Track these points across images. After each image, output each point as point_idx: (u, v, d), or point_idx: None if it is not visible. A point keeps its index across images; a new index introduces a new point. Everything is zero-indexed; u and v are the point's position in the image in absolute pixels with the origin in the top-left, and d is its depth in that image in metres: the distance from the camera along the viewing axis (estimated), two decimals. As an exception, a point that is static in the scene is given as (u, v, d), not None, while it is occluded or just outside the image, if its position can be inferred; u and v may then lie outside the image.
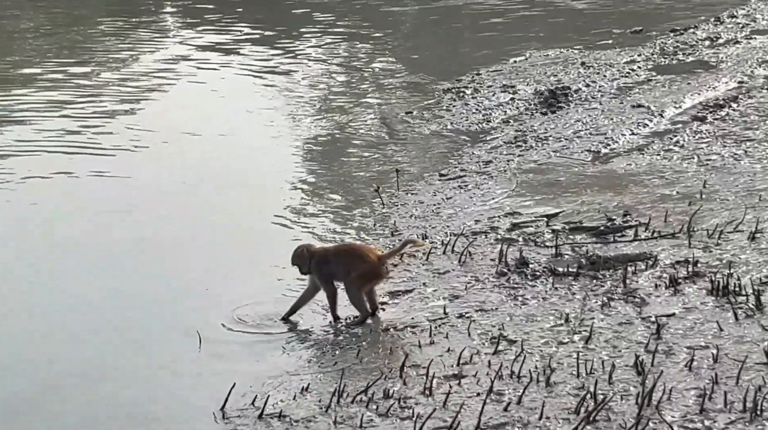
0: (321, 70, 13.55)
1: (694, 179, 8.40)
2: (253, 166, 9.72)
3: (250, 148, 10.31)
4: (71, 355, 6.33)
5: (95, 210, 8.62)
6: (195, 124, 10.99)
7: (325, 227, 8.17)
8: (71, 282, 7.32)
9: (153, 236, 8.07)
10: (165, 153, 10.19)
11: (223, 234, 8.11)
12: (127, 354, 6.31)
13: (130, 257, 7.71)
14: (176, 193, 9.07)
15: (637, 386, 5.31)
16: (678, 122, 10.13)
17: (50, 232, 8.21)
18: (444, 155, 9.80)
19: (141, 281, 7.30)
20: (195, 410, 5.62)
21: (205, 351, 6.25)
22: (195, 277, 7.32)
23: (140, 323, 6.70)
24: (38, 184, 9.25)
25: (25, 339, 6.55)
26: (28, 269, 7.53)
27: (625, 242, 7.23)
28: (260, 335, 6.46)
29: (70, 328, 6.68)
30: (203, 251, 7.78)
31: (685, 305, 6.20)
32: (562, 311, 6.31)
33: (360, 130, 10.76)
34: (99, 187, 9.21)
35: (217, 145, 10.42)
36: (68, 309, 6.93)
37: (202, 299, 6.98)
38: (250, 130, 10.93)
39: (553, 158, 9.35)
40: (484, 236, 7.64)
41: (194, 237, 8.07)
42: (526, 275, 6.89)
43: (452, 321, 6.35)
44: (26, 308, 6.96)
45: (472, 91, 11.74)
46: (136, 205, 8.68)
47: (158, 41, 15.57)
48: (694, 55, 12.89)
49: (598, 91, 11.48)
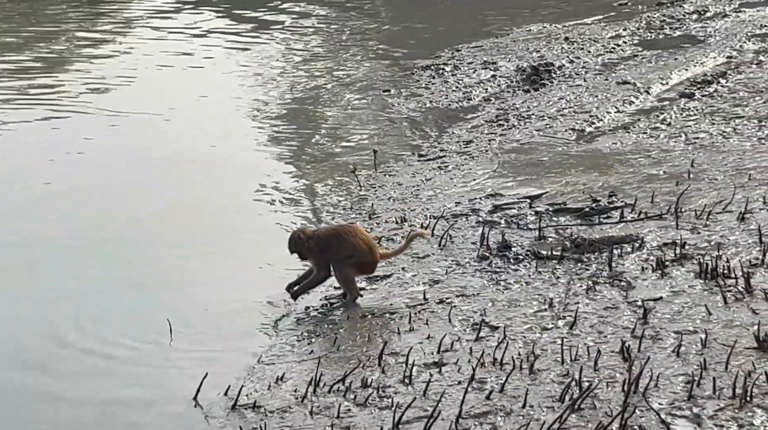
0: (294, 48, 13.33)
1: (681, 158, 8.25)
2: (223, 147, 9.50)
3: (218, 128, 10.08)
4: (36, 343, 6.14)
5: (68, 193, 8.42)
6: (166, 103, 10.78)
7: (300, 209, 7.99)
8: (32, 268, 7.12)
9: (121, 219, 7.88)
10: (137, 132, 9.97)
11: (197, 218, 7.92)
12: (96, 342, 6.12)
13: (99, 240, 7.51)
14: (150, 173, 8.86)
15: (623, 372, 5.19)
16: (665, 99, 9.98)
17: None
18: (423, 135, 9.62)
19: (111, 267, 7.11)
20: (166, 400, 5.50)
21: (177, 340, 6.07)
22: (168, 264, 7.12)
23: (109, 311, 6.51)
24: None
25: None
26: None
27: (611, 224, 7.08)
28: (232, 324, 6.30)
29: (34, 316, 6.48)
30: (175, 237, 7.58)
31: (672, 289, 6.06)
32: (545, 295, 6.16)
33: (335, 109, 10.56)
34: (72, 168, 8.99)
35: (185, 125, 10.20)
36: (32, 296, 6.74)
37: (175, 286, 6.80)
38: (218, 110, 10.71)
39: (536, 137, 9.18)
40: (465, 218, 7.47)
41: (166, 222, 7.87)
42: (509, 258, 6.73)
43: (432, 307, 6.19)
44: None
45: (452, 68, 11.55)
46: (100, 187, 8.49)
47: (127, 20, 15.33)
48: (682, 30, 12.73)
49: (583, 67, 11.31)
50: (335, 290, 6.62)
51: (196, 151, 9.42)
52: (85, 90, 11.33)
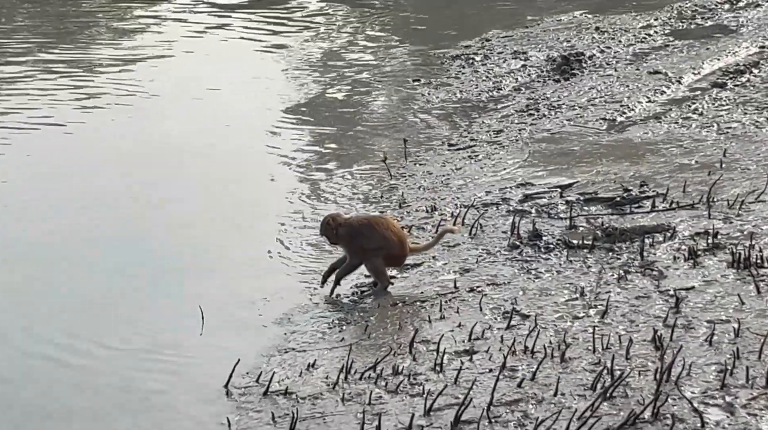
0: (322, 39, 13.33)
1: (713, 148, 8.19)
2: (253, 137, 9.51)
3: (249, 118, 10.09)
4: (72, 328, 6.17)
5: (86, 182, 8.47)
6: (197, 91, 10.82)
7: (331, 199, 7.99)
8: (65, 253, 7.16)
9: (154, 207, 7.92)
10: (165, 118, 10.02)
11: (225, 205, 7.94)
12: (128, 329, 6.16)
13: (127, 227, 7.56)
14: (181, 160, 8.90)
15: (655, 361, 5.17)
16: (696, 89, 9.91)
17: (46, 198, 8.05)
18: (453, 124, 9.60)
19: (143, 255, 7.14)
20: (198, 387, 5.51)
21: (209, 327, 6.09)
22: (198, 251, 7.15)
23: (142, 298, 6.54)
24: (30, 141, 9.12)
25: (23, 311, 6.39)
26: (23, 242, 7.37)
27: (642, 213, 7.05)
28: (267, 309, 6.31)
29: (69, 302, 6.52)
30: (208, 224, 7.61)
31: (704, 278, 6.03)
32: (576, 284, 6.14)
33: (365, 98, 10.56)
34: (100, 148, 9.05)
35: (216, 113, 10.22)
36: (66, 282, 6.78)
37: (205, 274, 6.82)
38: (249, 100, 10.72)
39: (567, 127, 9.15)
40: (495, 207, 7.45)
41: (199, 209, 7.90)
42: (540, 247, 6.71)
43: (463, 295, 6.19)
44: (23, 280, 6.80)
45: (482, 58, 11.52)
46: (120, 175, 8.54)
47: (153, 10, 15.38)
48: (713, 19, 12.63)
49: (613, 57, 11.25)
50: (366, 278, 6.63)
51: (225, 140, 9.46)
52: (108, 81, 11.40)
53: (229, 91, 10.91)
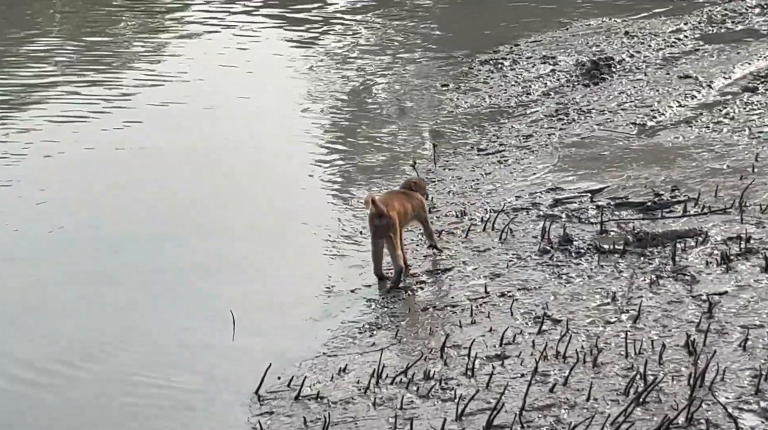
0: (352, 45, 13.34)
1: (745, 152, 8.14)
2: (284, 142, 9.54)
3: (280, 123, 10.11)
4: (104, 329, 6.21)
5: (124, 184, 8.52)
6: (221, 98, 10.87)
7: (361, 205, 7.99)
8: (101, 257, 7.20)
9: (185, 210, 7.95)
10: (191, 125, 10.05)
11: (254, 209, 7.97)
12: (162, 331, 6.19)
13: (163, 230, 7.59)
14: (207, 165, 8.94)
15: (688, 366, 5.15)
16: (728, 93, 9.85)
17: (78, 203, 8.10)
18: (482, 129, 9.58)
19: (177, 258, 7.17)
20: (231, 391, 5.54)
21: (241, 331, 6.11)
22: (229, 254, 7.18)
23: (174, 301, 6.57)
24: (54, 154, 9.19)
25: (51, 313, 6.43)
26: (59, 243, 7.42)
27: (674, 218, 7.01)
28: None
29: (102, 303, 6.56)
30: (239, 229, 7.64)
31: (738, 283, 5.99)
32: (608, 289, 6.11)
33: (394, 103, 10.56)
34: (132, 161, 9.08)
35: (247, 119, 10.26)
36: (97, 284, 6.81)
37: (236, 277, 6.84)
38: (279, 105, 10.74)
39: (597, 132, 9.11)
40: (525, 212, 7.43)
41: (231, 214, 7.92)
42: (570, 252, 6.69)
43: (494, 300, 6.17)
44: (55, 280, 6.85)
45: (511, 63, 11.49)
46: (154, 179, 8.61)
47: (181, 17, 15.44)
48: (744, 23, 12.56)
49: (643, 61, 11.20)
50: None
51: (254, 143, 9.49)
52: (140, 84, 11.45)
53: (256, 99, 10.94)
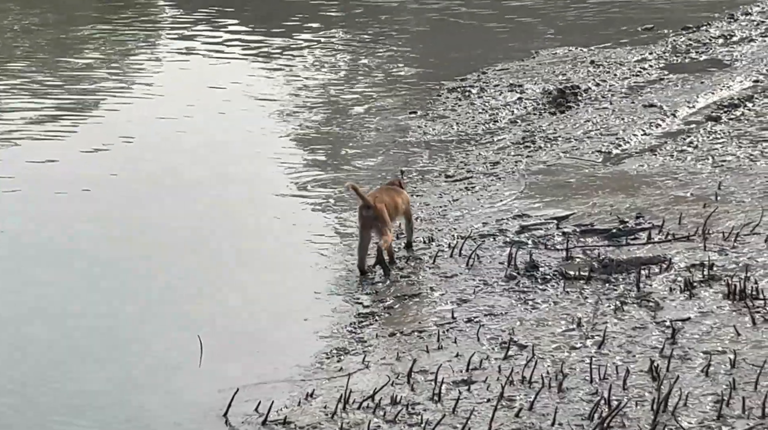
0: (320, 69, 13.40)
1: (708, 181, 8.25)
2: (250, 166, 9.55)
3: (246, 148, 10.13)
4: (71, 349, 6.21)
5: (92, 207, 8.51)
6: (191, 120, 10.89)
7: (331, 228, 8.02)
8: (74, 277, 7.20)
9: (152, 232, 7.96)
10: (159, 148, 10.07)
11: (227, 233, 8.00)
12: (127, 355, 6.18)
13: (130, 255, 7.59)
14: (176, 189, 8.95)
15: (652, 391, 5.21)
16: (691, 122, 9.97)
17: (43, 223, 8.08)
18: (450, 156, 9.63)
19: (143, 281, 7.17)
20: (198, 415, 5.52)
21: (208, 355, 6.11)
22: (199, 278, 7.19)
23: (141, 324, 6.57)
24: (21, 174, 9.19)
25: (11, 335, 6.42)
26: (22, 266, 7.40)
27: (639, 245, 7.09)
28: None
29: (71, 324, 6.55)
30: (211, 250, 7.65)
31: (701, 309, 6.07)
32: (573, 315, 6.17)
33: (362, 130, 10.60)
34: (92, 180, 9.08)
35: (215, 143, 10.28)
36: (64, 307, 6.80)
37: (206, 300, 6.85)
38: (246, 128, 10.76)
39: (563, 159, 9.20)
40: (492, 238, 7.49)
41: (197, 237, 7.93)
42: (537, 278, 6.75)
43: (461, 325, 6.22)
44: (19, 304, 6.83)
45: (478, 91, 11.58)
46: (131, 201, 8.60)
47: (151, 37, 15.45)
48: (708, 54, 12.72)
49: (609, 90, 11.32)
50: (363, 309, 6.66)
51: (222, 169, 9.50)
52: (111, 108, 11.45)
53: (222, 121, 10.98)
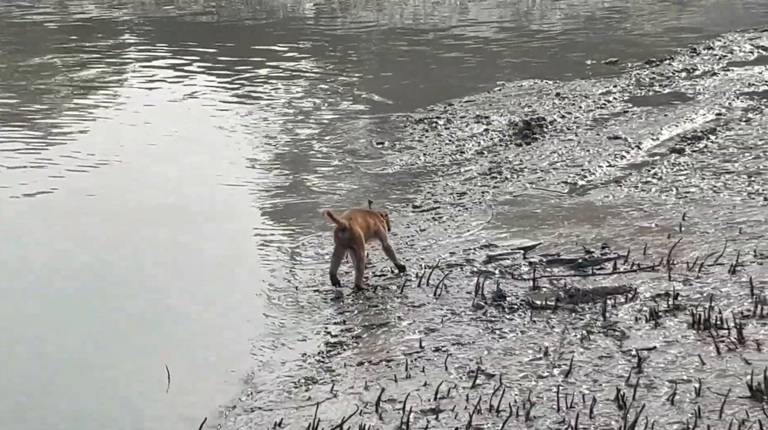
0: (287, 100, 13.44)
1: (673, 212, 8.34)
2: (216, 199, 9.54)
3: (210, 177, 10.12)
4: (36, 381, 6.16)
5: (56, 237, 8.49)
6: (153, 149, 10.89)
7: (298, 260, 8.02)
8: (39, 309, 7.16)
9: (116, 261, 7.95)
10: (126, 179, 10.06)
11: (191, 262, 7.99)
12: (96, 384, 6.16)
13: (100, 284, 7.57)
14: (139, 218, 8.93)
15: (618, 420, 5.25)
16: (656, 154, 10.09)
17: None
18: (417, 186, 9.68)
19: (109, 310, 7.15)
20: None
21: (175, 384, 6.09)
22: (165, 308, 7.17)
23: (109, 353, 6.54)
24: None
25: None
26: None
27: (604, 275, 7.15)
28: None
29: (37, 354, 6.50)
30: (171, 281, 7.63)
31: (666, 339, 6.13)
32: (540, 344, 6.21)
33: (330, 161, 10.63)
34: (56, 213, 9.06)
35: (178, 170, 10.29)
36: (31, 337, 6.76)
37: (176, 330, 6.83)
38: (210, 157, 10.77)
39: (529, 190, 9.27)
40: (459, 268, 7.53)
41: (161, 265, 7.92)
42: (504, 308, 6.79)
43: (428, 355, 6.23)
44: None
45: (445, 122, 11.66)
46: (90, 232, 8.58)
47: (116, 69, 15.45)
48: (671, 87, 12.89)
49: (574, 122, 11.44)
50: (331, 338, 6.66)
51: (186, 196, 9.50)
52: (69, 139, 11.43)
53: (191, 151, 11.00)
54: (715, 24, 17.92)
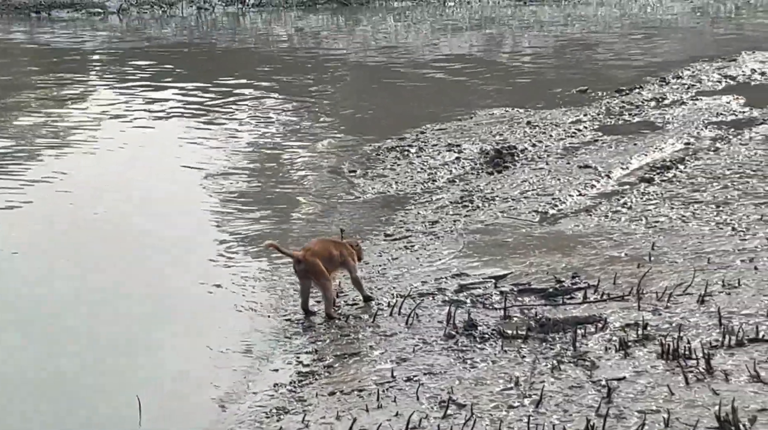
0: (257, 127, 13.47)
1: (642, 241, 8.41)
2: (185, 227, 9.54)
3: (180, 206, 10.13)
4: (5, 413, 6.12)
5: (21, 266, 8.46)
6: (121, 178, 10.88)
7: (270, 291, 8.02)
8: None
9: (80, 293, 7.92)
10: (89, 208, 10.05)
11: (162, 292, 7.97)
12: (65, 416, 6.13)
13: (59, 314, 7.54)
14: (106, 248, 8.92)
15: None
16: (625, 183, 10.18)
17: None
18: (389, 215, 9.72)
19: (75, 342, 7.12)
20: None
21: (147, 415, 6.07)
22: (135, 338, 7.15)
23: (79, 384, 6.51)
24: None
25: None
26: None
27: (575, 305, 7.20)
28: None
29: (4, 386, 6.46)
30: (140, 313, 7.61)
31: (635, 369, 6.16)
32: (511, 374, 6.24)
33: (302, 189, 10.66)
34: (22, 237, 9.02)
35: (145, 201, 10.29)
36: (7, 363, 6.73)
37: (145, 360, 6.81)
38: (180, 186, 10.78)
39: (500, 219, 9.32)
40: (431, 297, 7.56)
41: (130, 297, 7.89)
42: (475, 337, 6.81)
43: (400, 384, 6.25)
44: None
45: (417, 150, 11.72)
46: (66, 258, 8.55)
47: (85, 95, 15.44)
48: (641, 116, 13.01)
49: (545, 151, 11.52)
50: (303, 367, 6.67)
51: (155, 226, 9.49)
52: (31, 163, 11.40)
53: (159, 180, 10.99)
54: (684, 53, 18.13)
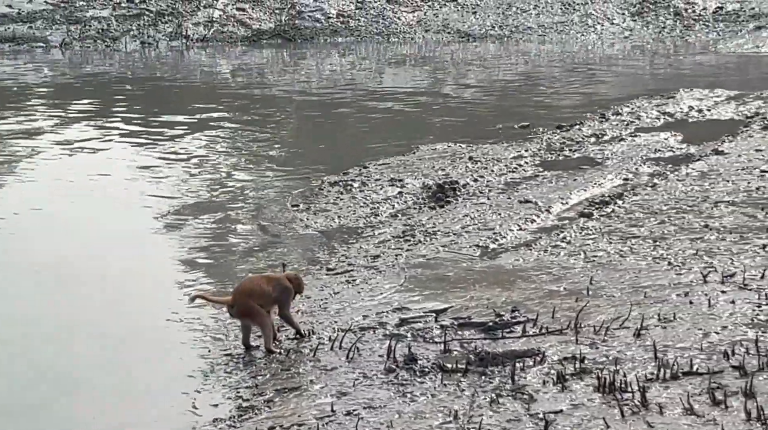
0: (200, 162, 13.45)
1: (581, 275, 8.51)
2: (123, 263, 9.50)
3: (121, 242, 10.07)
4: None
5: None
6: (69, 211, 10.82)
7: (213, 327, 8.00)
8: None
9: (28, 325, 7.83)
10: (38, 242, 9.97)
11: (96, 329, 7.91)
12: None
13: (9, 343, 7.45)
14: (54, 280, 8.85)
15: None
16: (565, 218, 10.31)
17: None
18: (331, 249, 9.75)
19: (31, 377, 7.04)
20: None
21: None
22: (68, 378, 7.09)
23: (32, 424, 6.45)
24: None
25: None
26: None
27: (514, 338, 7.26)
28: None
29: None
30: (74, 347, 7.55)
31: (572, 402, 6.23)
32: (450, 407, 6.28)
33: (243, 224, 10.65)
34: None
35: (95, 234, 10.24)
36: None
37: (98, 397, 6.76)
38: (123, 222, 10.74)
39: (442, 253, 9.39)
40: (372, 331, 7.59)
41: (67, 331, 7.83)
42: (415, 371, 6.85)
43: (340, 419, 6.26)
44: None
45: (360, 185, 11.78)
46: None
47: (28, 128, 15.36)
48: (581, 152, 13.19)
49: (486, 185, 11.63)
50: (243, 402, 6.66)
51: (99, 261, 9.44)
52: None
53: (102, 212, 10.96)
54: (623, 90, 18.42)
